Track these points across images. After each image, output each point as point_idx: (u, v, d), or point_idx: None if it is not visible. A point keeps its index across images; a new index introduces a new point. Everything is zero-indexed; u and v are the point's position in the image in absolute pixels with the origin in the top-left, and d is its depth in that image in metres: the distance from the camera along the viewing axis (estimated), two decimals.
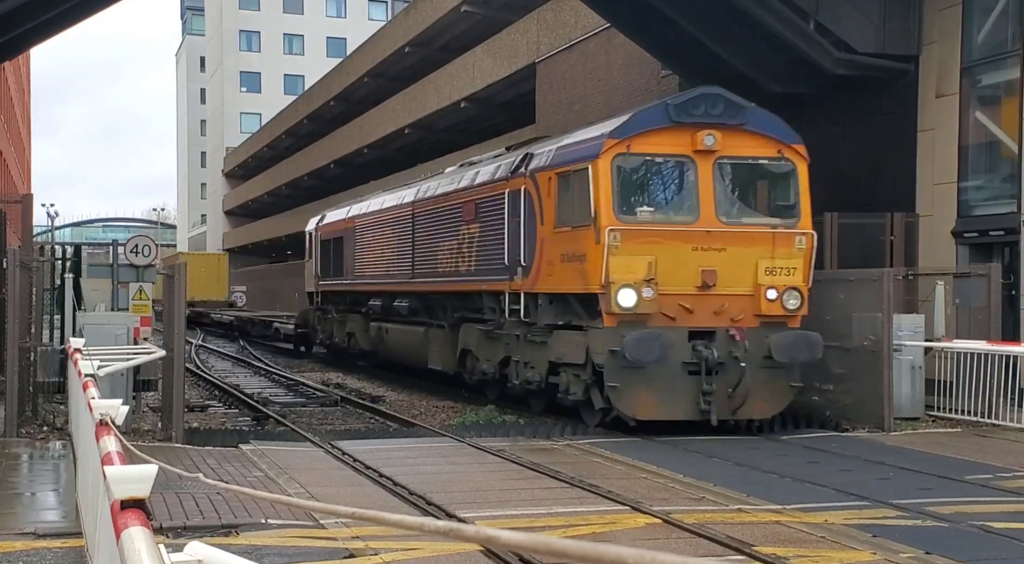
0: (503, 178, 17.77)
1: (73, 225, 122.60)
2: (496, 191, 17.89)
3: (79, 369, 9.06)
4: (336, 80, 58.31)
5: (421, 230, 21.75)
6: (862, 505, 10.20)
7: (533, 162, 16.83)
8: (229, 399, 21.06)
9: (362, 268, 25.92)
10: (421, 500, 10.26)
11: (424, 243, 21.47)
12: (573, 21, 31.50)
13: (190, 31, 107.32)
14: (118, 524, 3.14)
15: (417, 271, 21.77)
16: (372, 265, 25.14)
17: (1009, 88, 18.76)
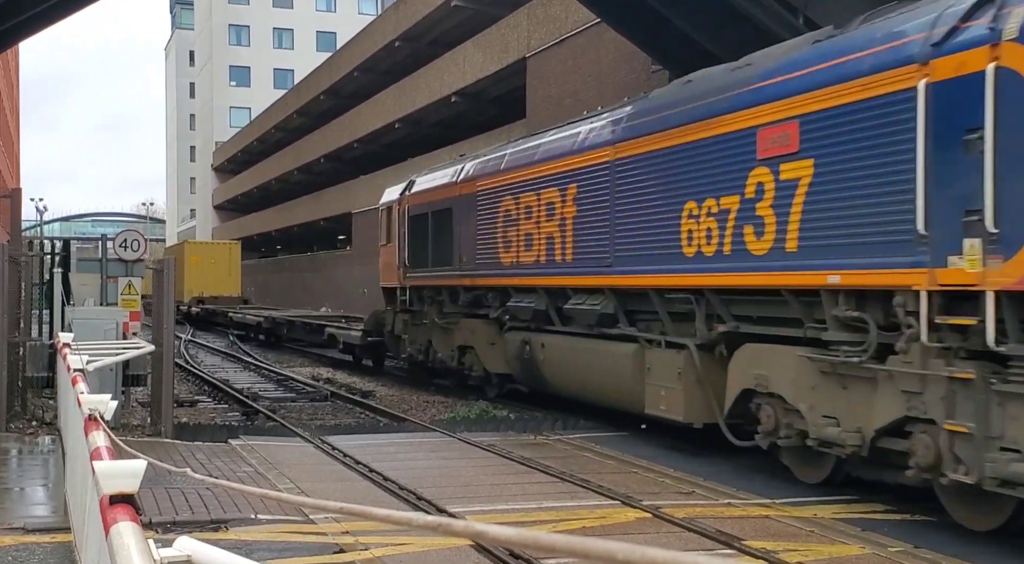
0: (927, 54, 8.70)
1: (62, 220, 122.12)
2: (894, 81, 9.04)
3: (68, 364, 9.04)
4: (326, 74, 58.18)
5: (640, 187, 13.30)
6: (851, 499, 10.24)
7: None
8: (218, 394, 21.03)
9: (491, 252, 17.89)
10: (411, 495, 10.27)
11: (644, 209, 13.17)
12: (563, 16, 31.48)
13: (179, 25, 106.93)
14: (107, 519, 3.14)
15: (621, 254, 13.71)
16: (514, 247, 17.01)
17: None
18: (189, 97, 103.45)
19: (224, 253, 52.89)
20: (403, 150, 49.95)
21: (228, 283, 51.32)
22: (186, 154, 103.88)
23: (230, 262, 52.26)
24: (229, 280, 51.51)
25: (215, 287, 50.52)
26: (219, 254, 52.68)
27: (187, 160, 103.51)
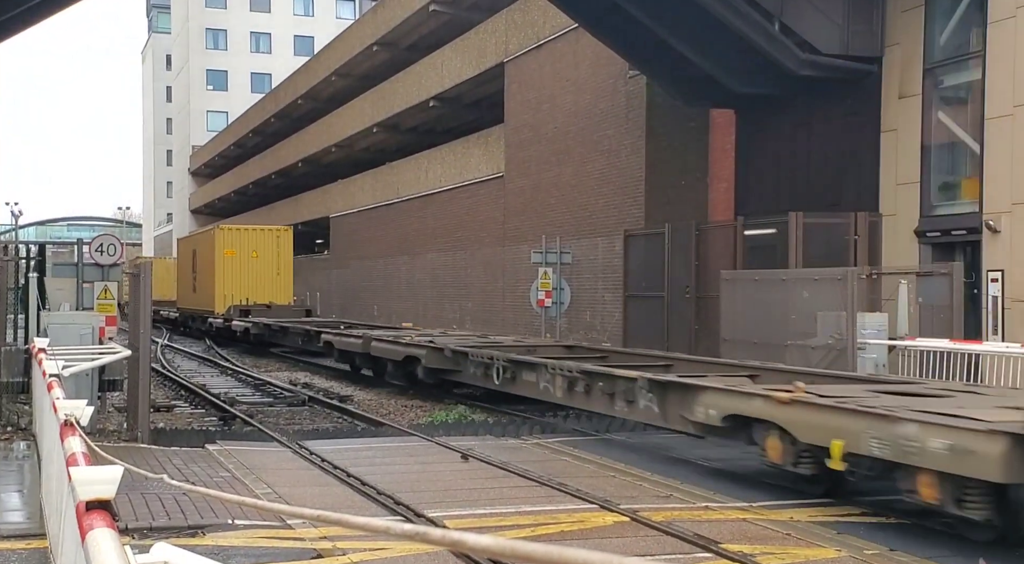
0: None
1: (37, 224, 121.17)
2: None
3: (43, 369, 8.98)
4: (304, 79, 58.04)
5: None
6: (828, 502, 10.29)
7: None
8: (195, 399, 20.93)
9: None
10: (389, 500, 10.25)
11: None
12: (541, 21, 31.53)
13: (156, 29, 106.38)
14: (83, 525, 3.13)
15: None
16: None
17: (970, 89, 18.99)
18: (166, 101, 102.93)
19: (271, 244, 38.07)
20: (381, 155, 49.91)
21: (279, 286, 37.70)
22: (163, 158, 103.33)
23: (279, 257, 37.91)
24: (279, 280, 37.78)
25: (264, 291, 37.13)
26: (264, 245, 38.08)
27: (164, 164, 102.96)
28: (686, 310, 22.78)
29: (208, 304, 38.77)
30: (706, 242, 22.81)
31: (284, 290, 37.93)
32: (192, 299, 42.52)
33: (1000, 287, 17.44)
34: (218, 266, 37.66)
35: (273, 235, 38.81)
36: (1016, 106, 17.37)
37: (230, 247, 37.98)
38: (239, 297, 37.13)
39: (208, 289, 38.76)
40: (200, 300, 40.56)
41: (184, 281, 43.93)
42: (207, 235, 40.78)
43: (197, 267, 40.94)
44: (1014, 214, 17.41)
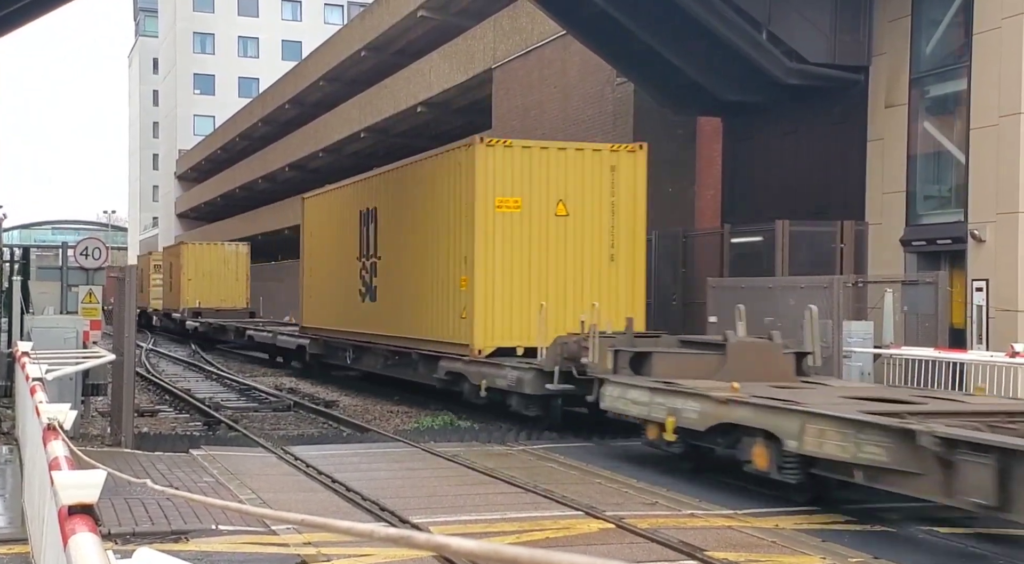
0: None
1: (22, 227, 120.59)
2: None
3: (27, 373, 8.93)
4: (291, 83, 57.98)
5: None
6: (813, 510, 10.31)
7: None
8: (180, 404, 20.84)
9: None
10: (374, 506, 10.22)
11: None
12: (530, 28, 31.58)
13: (143, 32, 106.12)
14: (65, 530, 3.10)
15: None
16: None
17: (956, 99, 19.09)
18: (153, 105, 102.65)
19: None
20: (368, 160, 49.84)
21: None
22: (149, 162, 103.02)
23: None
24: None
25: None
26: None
27: (150, 168, 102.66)
28: (673, 317, 22.81)
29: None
30: (693, 249, 22.84)
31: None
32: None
33: (985, 296, 17.51)
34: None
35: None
36: (1001, 116, 17.46)
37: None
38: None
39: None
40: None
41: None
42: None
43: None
44: (999, 224, 17.49)
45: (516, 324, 17.08)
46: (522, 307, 17.10)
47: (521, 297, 17.20)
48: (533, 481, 11.54)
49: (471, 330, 17.21)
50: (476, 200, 17.21)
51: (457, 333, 17.72)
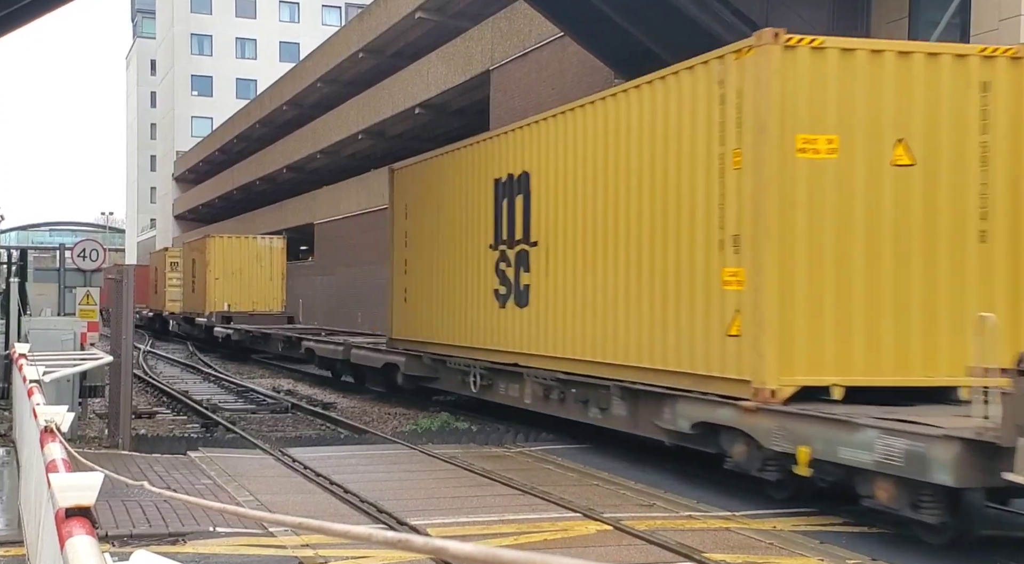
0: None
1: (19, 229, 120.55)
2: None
3: (24, 375, 8.92)
4: (289, 85, 57.96)
5: None
6: (811, 512, 10.31)
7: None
8: (178, 406, 20.81)
9: None
10: (372, 507, 10.21)
11: None
12: (527, 29, 31.59)
13: (141, 34, 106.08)
14: (62, 533, 3.10)
15: None
16: None
17: None
18: (150, 106, 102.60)
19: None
20: (366, 161, 49.87)
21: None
22: (147, 163, 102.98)
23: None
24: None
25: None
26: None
27: (148, 169, 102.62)
28: None
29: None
30: None
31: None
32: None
33: None
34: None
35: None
36: None
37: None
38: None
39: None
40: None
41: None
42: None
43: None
44: None
45: (832, 346, 10.62)
46: (841, 316, 10.64)
47: (839, 301, 10.66)
48: (531, 483, 11.53)
49: (756, 357, 10.65)
50: (761, 140, 10.67)
51: (719, 361, 11.27)
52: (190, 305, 41.95)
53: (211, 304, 37.88)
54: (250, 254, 38.59)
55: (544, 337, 15.03)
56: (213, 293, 38.04)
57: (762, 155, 10.63)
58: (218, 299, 37.87)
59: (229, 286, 37.92)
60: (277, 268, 38.63)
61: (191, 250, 42.73)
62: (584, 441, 15.06)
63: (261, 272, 38.41)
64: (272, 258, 38.72)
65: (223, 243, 39.12)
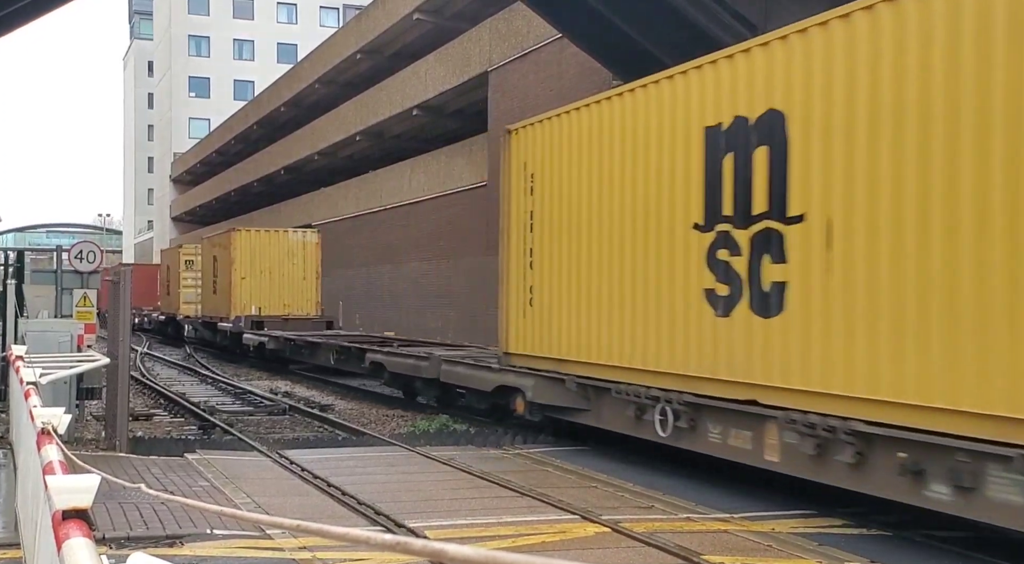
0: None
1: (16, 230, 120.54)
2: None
3: (21, 377, 8.90)
4: (287, 86, 57.95)
5: None
6: (809, 514, 10.30)
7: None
8: (175, 408, 20.79)
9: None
10: (370, 509, 10.20)
11: None
12: (525, 30, 31.59)
13: (138, 35, 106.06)
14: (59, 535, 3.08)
15: None
16: None
17: None
18: (147, 107, 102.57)
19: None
20: (364, 163, 49.85)
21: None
22: (144, 165, 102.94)
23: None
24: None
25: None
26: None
27: (145, 171, 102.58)
28: None
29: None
30: None
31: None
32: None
33: None
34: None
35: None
36: None
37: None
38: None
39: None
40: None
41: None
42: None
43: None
44: None
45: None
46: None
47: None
48: (529, 485, 11.52)
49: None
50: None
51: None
52: (211, 308, 37.21)
53: (237, 307, 33.21)
54: (281, 250, 33.69)
55: (815, 362, 9.85)
56: (240, 294, 33.26)
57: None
58: (245, 301, 33.20)
59: (258, 286, 33.28)
60: (311, 266, 33.94)
61: (212, 246, 37.73)
62: (582, 443, 15.04)
63: (294, 270, 33.61)
64: (305, 254, 33.83)
65: (251, 237, 34.00)
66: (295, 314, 32.69)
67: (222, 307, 34.82)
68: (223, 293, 34.74)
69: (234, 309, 33.28)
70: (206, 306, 38.33)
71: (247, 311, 32.79)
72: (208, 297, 37.91)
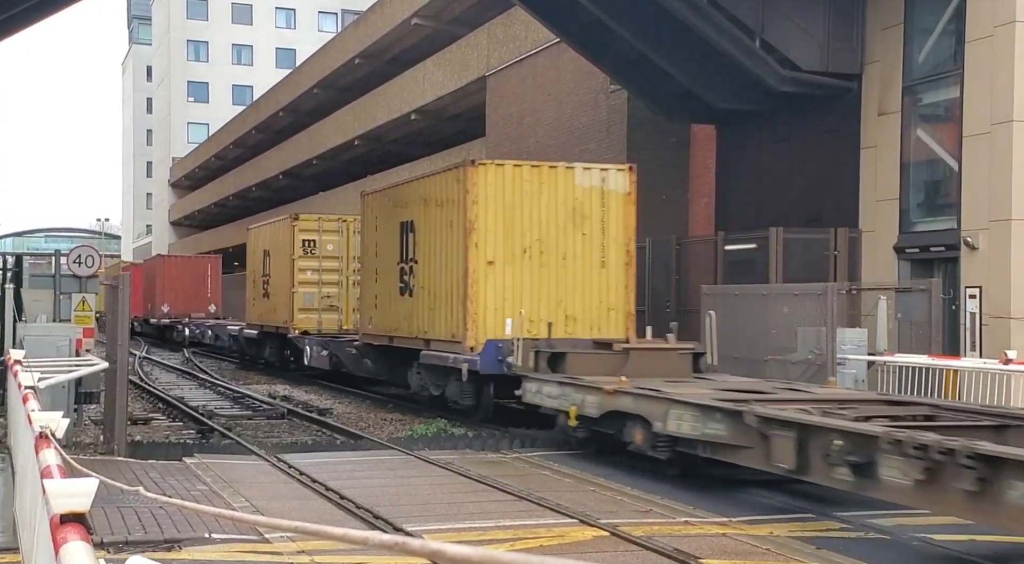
0: None
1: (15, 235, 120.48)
2: None
3: (19, 381, 8.90)
4: (285, 91, 57.99)
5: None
6: (807, 518, 10.30)
7: None
8: (173, 412, 20.77)
9: None
10: (368, 514, 10.20)
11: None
12: (523, 35, 31.63)
13: (137, 40, 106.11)
14: (57, 538, 3.09)
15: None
16: None
17: (949, 107, 19.15)
18: (146, 112, 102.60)
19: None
20: (362, 167, 49.87)
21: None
22: (142, 169, 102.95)
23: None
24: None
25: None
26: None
27: (144, 175, 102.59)
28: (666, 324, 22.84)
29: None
30: (687, 256, 22.88)
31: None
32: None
33: (978, 304, 17.55)
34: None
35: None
36: (994, 124, 17.51)
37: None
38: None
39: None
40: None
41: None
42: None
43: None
44: (991, 231, 17.53)
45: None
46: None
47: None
48: (527, 489, 11.52)
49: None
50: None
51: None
52: (388, 323, 20.27)
53: (479, 323, 16.92)
54: (561, 205, 17.31)
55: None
56: (485, 299, 16.98)
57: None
58: (496, 316, 16.87)
59: (521, 282, 17.19)
60: (618, 237, 17.60)
61: (393, 203, 20.50)
62: (580, 447, 15.04)
63: (586, 248, 17.50)
64: (608, 212, 17.52)
65: (503, 176, 17.15)
66: (607, 335, 17.09)
67: (440, 323, 17.93)
68: (441, 295, 17.95)
69: (474, 329, 16.84)
70: (384, 320, 20.53)
71: (510, 333, 16.20)
72: (383, 305, 20.64)
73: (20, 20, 20.78)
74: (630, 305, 17.90)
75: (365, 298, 22.39)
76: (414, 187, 19.71)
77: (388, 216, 20.69)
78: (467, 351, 16.85)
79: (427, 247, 18.65)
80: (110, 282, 16.35)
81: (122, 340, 14.32)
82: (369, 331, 21.61)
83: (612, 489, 11.80)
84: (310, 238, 27.30)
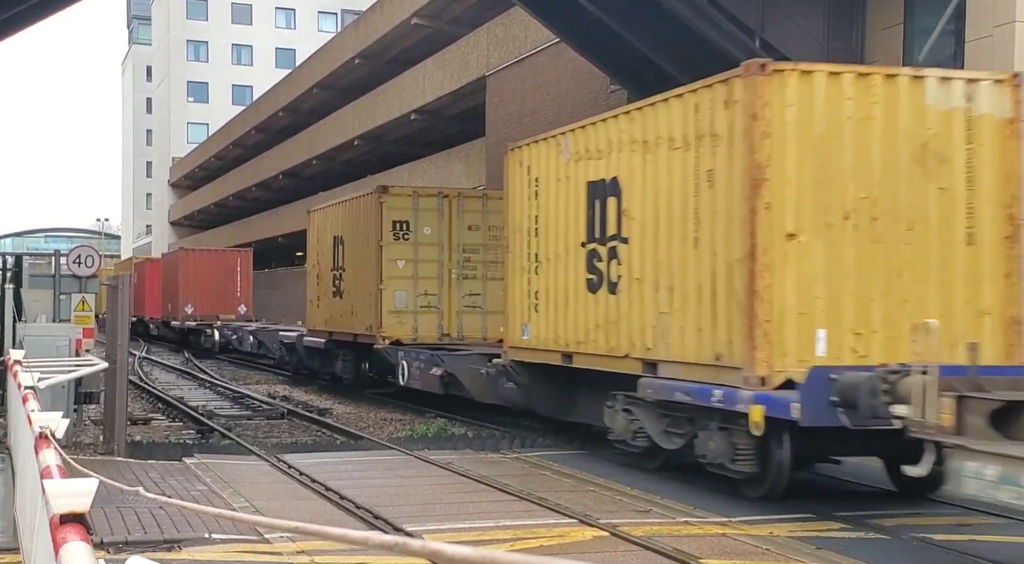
0: None
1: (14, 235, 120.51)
2: None
3: (19, 381, 8.90)
4: (285, 91, 58.00)
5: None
6: (807, 518, 10.30)
7: None
8: (173, 412, 20.78)
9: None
10: (368, 514, 10.20)
11: None
12: (523, 35, 31.64)
13: (137, 40, 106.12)
14: (57, 539, 3.08)
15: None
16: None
17: None
18: (146, 112, 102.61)
19: None
20: (362, 167, 49.90)
21: None
22: (142, 170, 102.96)
23: None
24: None
25: None
26: None
27: (143, 176, 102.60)
28: None
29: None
30: None
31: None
32: None
33: None
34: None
35: None
36: None
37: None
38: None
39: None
40: None
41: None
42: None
43: None
44: None
45: None
46: None
47: None
48: (527, 489, 11.52)
49: None
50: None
51: None
52: (557, 335, 14.60)
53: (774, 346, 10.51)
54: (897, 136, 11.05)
55: None
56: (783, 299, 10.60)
57: None
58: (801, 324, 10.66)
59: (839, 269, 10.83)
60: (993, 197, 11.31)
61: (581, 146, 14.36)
62: (580, 447, 15.04)
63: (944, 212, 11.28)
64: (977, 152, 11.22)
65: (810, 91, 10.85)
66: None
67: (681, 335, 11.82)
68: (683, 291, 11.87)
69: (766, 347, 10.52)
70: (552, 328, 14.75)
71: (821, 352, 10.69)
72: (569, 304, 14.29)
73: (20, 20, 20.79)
74: (1016, 306, 11.18)
75: (513, 296, 15.72)
76: (620, 122, 13.37)
77: (564, 175, 14.51)
78: (753, 384, 10.39)
79: (649, 213, 12.42)
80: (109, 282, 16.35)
81: (122, 340, 14.32)
82: (523, 344, 15.32)
83: (612, 489, 11.80)
84: (403, 218, 21.11)
